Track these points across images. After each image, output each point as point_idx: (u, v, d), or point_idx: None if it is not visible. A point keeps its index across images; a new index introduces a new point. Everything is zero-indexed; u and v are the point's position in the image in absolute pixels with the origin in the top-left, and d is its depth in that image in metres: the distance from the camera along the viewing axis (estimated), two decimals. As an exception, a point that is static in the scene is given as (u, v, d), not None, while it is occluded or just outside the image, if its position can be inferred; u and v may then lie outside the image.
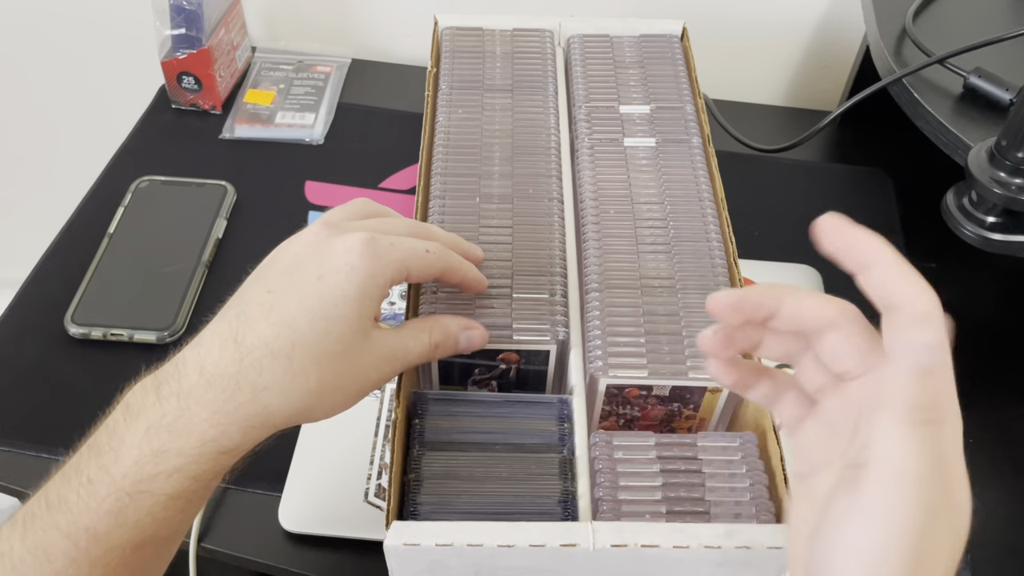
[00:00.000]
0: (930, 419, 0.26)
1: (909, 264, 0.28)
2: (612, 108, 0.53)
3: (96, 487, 0.34)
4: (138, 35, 0.85)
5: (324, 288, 0.36)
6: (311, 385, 0.35)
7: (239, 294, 0.38)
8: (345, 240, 0.37)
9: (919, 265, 0.75)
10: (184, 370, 0.36)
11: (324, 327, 0.36)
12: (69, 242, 0.68)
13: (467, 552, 0.36)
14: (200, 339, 0.37)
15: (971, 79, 0.58)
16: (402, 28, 0.87)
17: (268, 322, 0.36)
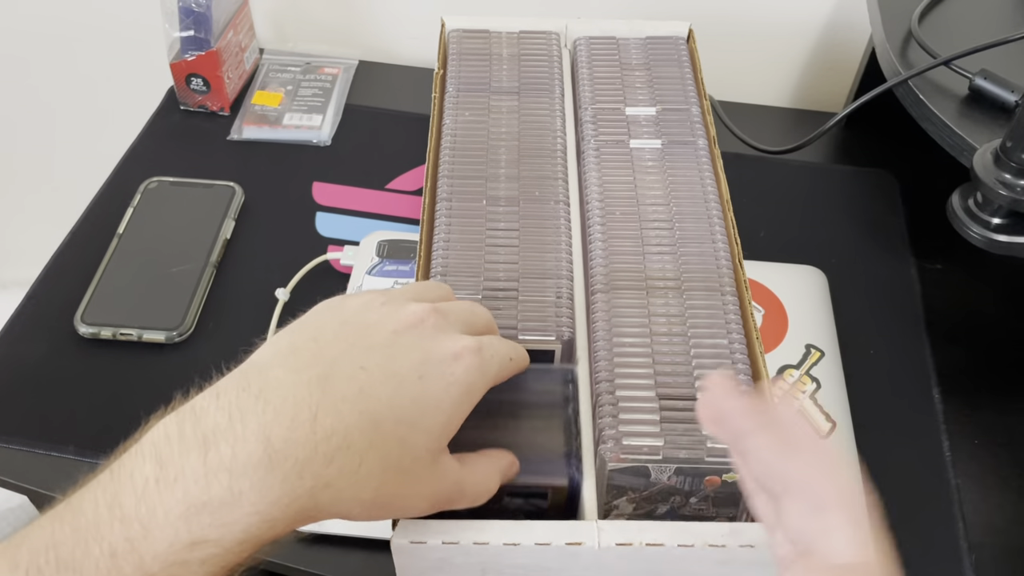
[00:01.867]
0: None
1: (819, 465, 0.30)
2: (618, 110, 0.54)
3: (120, 564, 0.28)
4: (147, 37, 0.85)
5: (422, 391, 0.32)
6: (366, 496, 0.31)
7: (318, 346, 0.33)
8: (455, 344, 0.34)
9: (925, 266, 0.76)
10: (243, 431, 0.29)
11: (405, 435, 0.32)
12: (79, 242, 0.68)
13: (473, 550, 0.36)
14: (264, 386, 0.31)
15: (977, 81, 0.58)
16: (409, 30, 0.88)
17: (355, 408, 0.31)
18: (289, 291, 0.63)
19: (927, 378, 0.60)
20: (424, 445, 0.32)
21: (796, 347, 0.59)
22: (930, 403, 0.59)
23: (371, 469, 0.31)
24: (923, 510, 0.54)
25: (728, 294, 0.44)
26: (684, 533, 0.37)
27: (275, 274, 0.65)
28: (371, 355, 0.32)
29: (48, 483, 0.55)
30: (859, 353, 0.61)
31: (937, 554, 0.52)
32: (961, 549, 0.52)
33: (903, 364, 0.61)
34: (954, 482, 0.55)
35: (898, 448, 0.56)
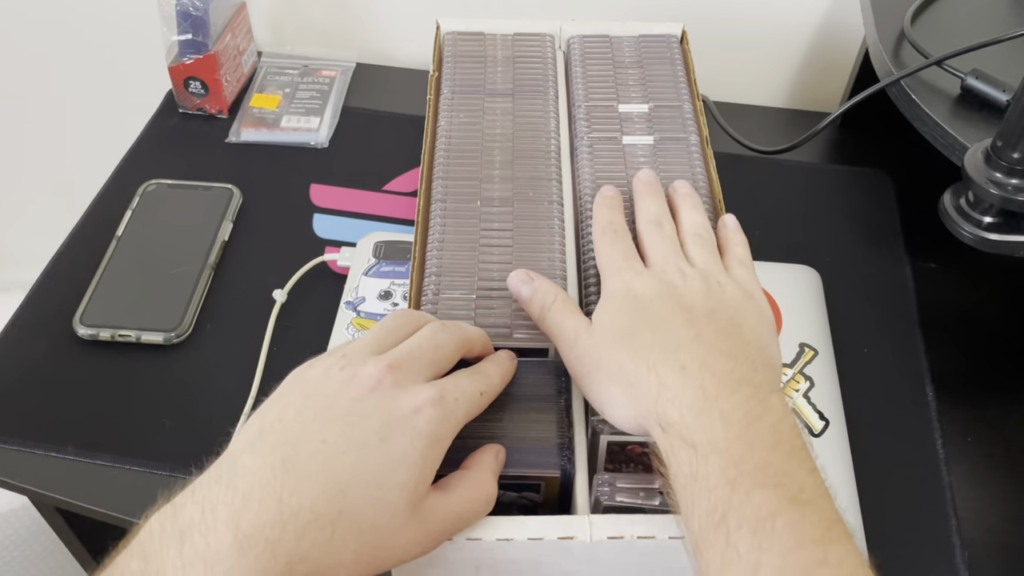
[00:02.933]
0: None
1: None
2: (611, 107, 0.54)
3: None
4: (145, 41, 0.86)
5: (385, 452, 0.33)
6: (346, 557, 0.32)
7: (280, 425, 0.34)
8: (415, 399, 0.34)
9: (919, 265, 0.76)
10: (214, 521, 0.31)
11: (376, 496, 0.32)
12: (78, 245, 0.69)
13: (467, 547, 0.37)
14: (234, 476, 0.32)
15: (968, 80, 0.59)
16: (405, 32, 0.88)
17: (319, 482, 0.32)
18: (287, 292, 0.64)
19: (921, 376, 0.61)
20: (399, 500, 0.33)
21: (790, 346, 0.59)
22: (924, 401, 0.59)
23: (345, 535, 0.32)
24: (917, 507, 0.54)
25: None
26: (675, 526, 0.37)
27: (273, 275, 0.65)
28: (332, 427, 0.33)
29: (48, 484, 0.55)
30: (853, 352, 0.61)
31: (930, 551, 0.52)
32: (954, 546, 0.52)
33: (897, 363, 0.61)
34: (947, 479, 0.55)
35: (892, 446, 0.57)
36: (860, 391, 0.59)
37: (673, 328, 0.37)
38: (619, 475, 0.39)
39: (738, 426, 0.33)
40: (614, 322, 0.38)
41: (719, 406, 0.34)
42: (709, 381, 0.35)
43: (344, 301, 0.63)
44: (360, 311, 0.62)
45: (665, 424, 0.34)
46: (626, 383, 0.37)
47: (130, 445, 0.56)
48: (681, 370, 0.35)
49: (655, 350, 0.36)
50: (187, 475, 0.54)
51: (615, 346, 0.37)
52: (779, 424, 0.34)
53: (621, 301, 0.39)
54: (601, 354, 0.38)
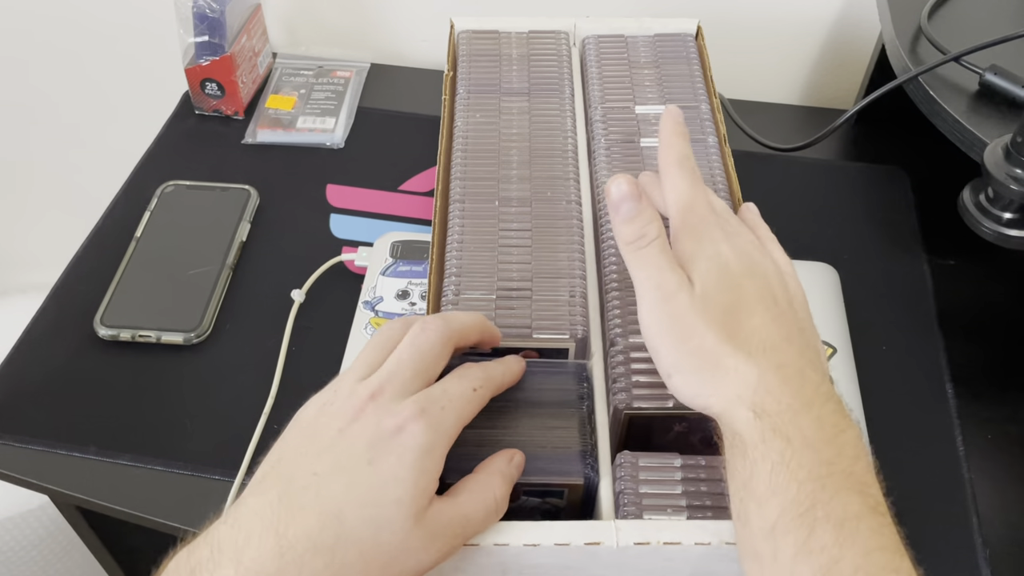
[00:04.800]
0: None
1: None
2: (628, 108, 0.54)
3: None
4: (162, 43, 0.86)
5: (375, 472, 0.34)
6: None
7: (279, 465, 0.36)
8: (396, 418, 0.35)
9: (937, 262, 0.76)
10: (220, 559, 0.32)
11: (373, 515, 0.33)
12: (97, 247, 0.69)
13: (494, 551, 0.37)
14: (239, 516, 0.34)
15: (987, 76, 0.58)
16: (419, 32, 0.88)
17: (314, 511, 0.33)
18: (304, 292, 0.64)
19: (940, 374, 0.60)
20: (398, 516, 0.34)
21: (808, 344, 0.59)
22: (943, 399, 0.59)
23: (345, 559, 0.33)
24: (937, 505, 0.54)
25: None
26: (701, 531, 0.37)
27: (290, 275, 0.66)
28: (321, 459, 0.35)
29: (69, 483, 0.56)
30: (872, 349, 0.61)
31: (952, 548, 0.52)
32: (975, 543, 0.52)
33: (916, 360, 0.61)
34: (968, 477, 0.55)
35: (911, 444, 0.56)
36: (879, 388, 0.58)
37: (767, 320, 0.38)
38: (641, 454, 0.40)
39: (829, 433, 0.35)
40: (717, 296, 0.38)
41: (815, 411, 0.35)
42: (807, 388, 0.36)
43: (362, 301, 0.63)
44: (378, 311, 0.62)
45: (760, 412, 0.35)
46: (716, 363, 0.36)
47: (151, 445, 0.57)
48: (780, 369, 0.36)
49: (754, 341, 0.37)
50: (207, 475, 0.55)
51: (715, 323, 0.37)
52: (858, 440, 0.36)
53: (719, 270, 0.38)
54: (697, 324, 0.37)
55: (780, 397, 0.35)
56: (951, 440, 0.57)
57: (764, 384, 0.35)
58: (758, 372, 0.36)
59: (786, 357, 0.36)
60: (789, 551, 0.32)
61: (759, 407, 0.35)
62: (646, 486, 0.39)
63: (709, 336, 0.37)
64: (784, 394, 0.35)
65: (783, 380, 0.36)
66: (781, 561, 0.33)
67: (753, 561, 0.34)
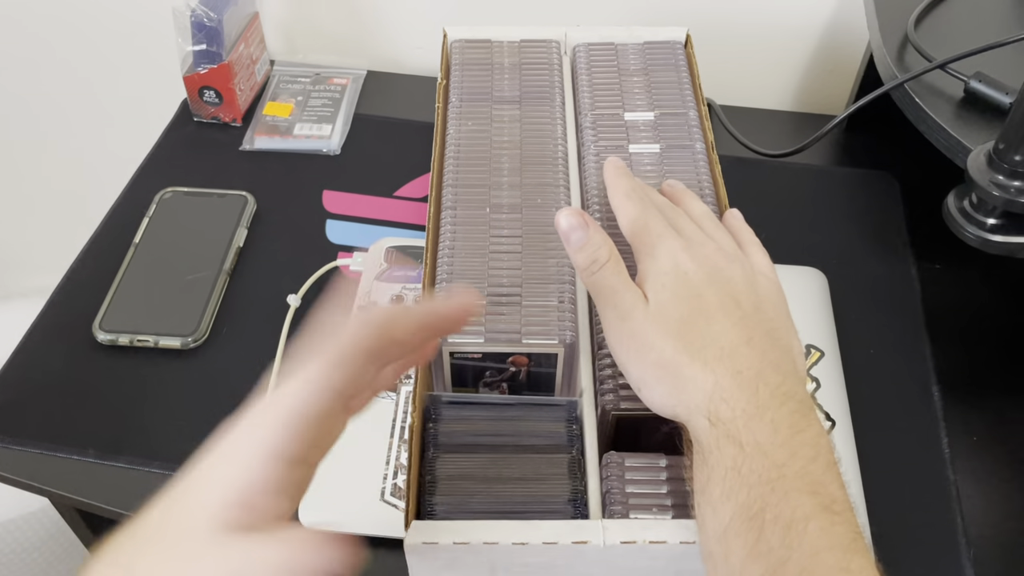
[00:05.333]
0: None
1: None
2: (617, 115, 0.55)
3: None
4: (161, 52, 0.87)
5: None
6: None
7: None
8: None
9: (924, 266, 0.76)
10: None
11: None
12: (96, 252, 0.70)
13: (483, 550, 0.37)
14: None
15: (972, 83, 0.59)
16: (415, 40, 0.89)
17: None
18: (300, 297, 0.65)
19: (926, 376, 0.61)
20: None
21: (797, 347, 0.60)
22: (929, 401, 0.60)
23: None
24: (922, 505, 0.55)
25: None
26: (686, 530, 0.38)
27: (287, 280, 0.66)
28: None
29: (68, 486, 0.56)
30: (859, 353, 0.62)
31: (936, 549, 0.53)
32: (960, 543, 0.53)
33: (903, 363, 0.62)
34: (953, 478, 0.56)
35: (898, 445, 0.57)
36: (866, 391, 0.59)
37: (727, 326, 0.38)
38: (627, 454, 0.40)
39: (784, 434, 0.35)
40: (672, 308, 0.39)
41: (770, 415, 0.36)
42: (763, 391, 0.36)
43: (356, 306, 0.64)
44: (372, 315, 0.63)
45: (715, 419, 0.36)
46: (676, 373, 0.37)
47: (149, 448, 0.57)
48: (736, 375, 0.37)
49: (711, 348, 0.37)
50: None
51: (671, 334, 0.38)
52: (818, 439, 0.36)
53: (675, 282, 0.39)
54: (655, 339, 0.38)
55: (735, 403, 0.36)
56: (937, 442, 0.58)
57: (720, 391, 0.36)
58: (714, 379, 0.37)
59: (745, 362, 0.37)
60: (739, 553, 0.33)
61: (714, 414, 0.36)
62: (632, 486, 0.40)
63: (667, 348, 0.38)
64: (739, 399, 0.36)
65: (739, 385, 0.36)
66: (732, 563, 0.34)
67: (708, 561, 0.35)
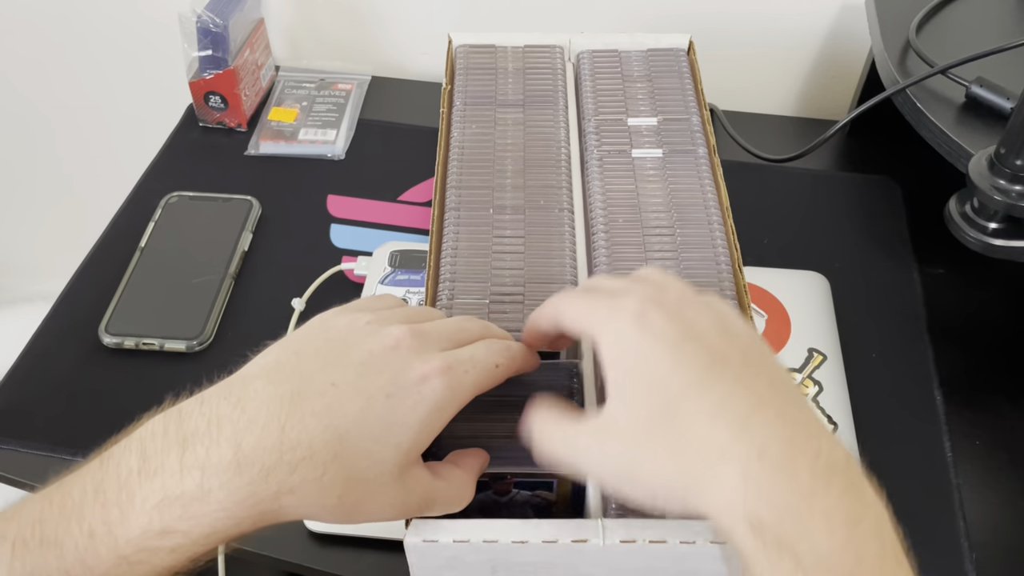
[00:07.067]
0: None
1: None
2: (620, 120, 0.55)
3: (97, 545, 0.31)
4: (167, 57, 0.88)
5: (389, 409, 0.33)
6: (329, 501, 0.33)
7: (299, 361, 0.34)
8: (425, 366, 0.35)
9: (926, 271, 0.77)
10: (218, 436, 0.32)
11: (371, 449, 0.33)
12: (102, 256, 0.71)
13: (483, 548, 0.37)
14: (244, 398, 0.33)
15: (973, 89, 0.59)
16: (420, 46, 0.90)
17: (322, 421, 0.32)
18: (305, 301, 0.65)
19: (929, 381, 0.61)
20: (390, 460, 0.33)
21: (799, 351, 0.60)
22: (932, 405, 0.60)
23: (334, 479, 0.32)
24: (925, 510, 0.55)
25: (728, 298, 0.46)
26: (686, 530, 0.38)
27: (291, 284, 0.67)
28: (344, 372, 0.34)
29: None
30: (861, 356, 0.62)
31: (939, 552, 0.53)
32: (962, 548, 0.53)
33: (905, 367, 0.62)
34: (955, 482, 0.56)
35: (900, 449, 0.57)
36: (868, 395, 0.59)
37: (726, 391, 0.31)
38: None
39: (842, 532, 0.28)
40: (636, 408, 0.32)
41: (818, 505, 0.28)
42: (801, 470, 0.29)
43: (361, 309, 0.64)
44: (376, 319, 0.63)
45: (757, 524, 0.29)
46: (684, 476, 0.30)
47: (154, 450, 0.58)
48: (762, 455, 0.29)
49: (719, 426, 0.30)
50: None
51: (652, 437, 0.31)
52: (879, 524, 0.29)
53: (629, 373, 0.32)
54: (634, 454, 0.32)
55: (774, 496, 0.28)
56: (939, 445, 0.58)
57: (751, 484, 0.29)
58: (740, 471, 0.29)
59: (766, 433, 0.30)
60: None
61: (754, 517, 0.28)
62: None
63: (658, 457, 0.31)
64: (778, 490, 0.28)
65: (773, 470, 0.29)
66: None
67: None
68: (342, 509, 0.33)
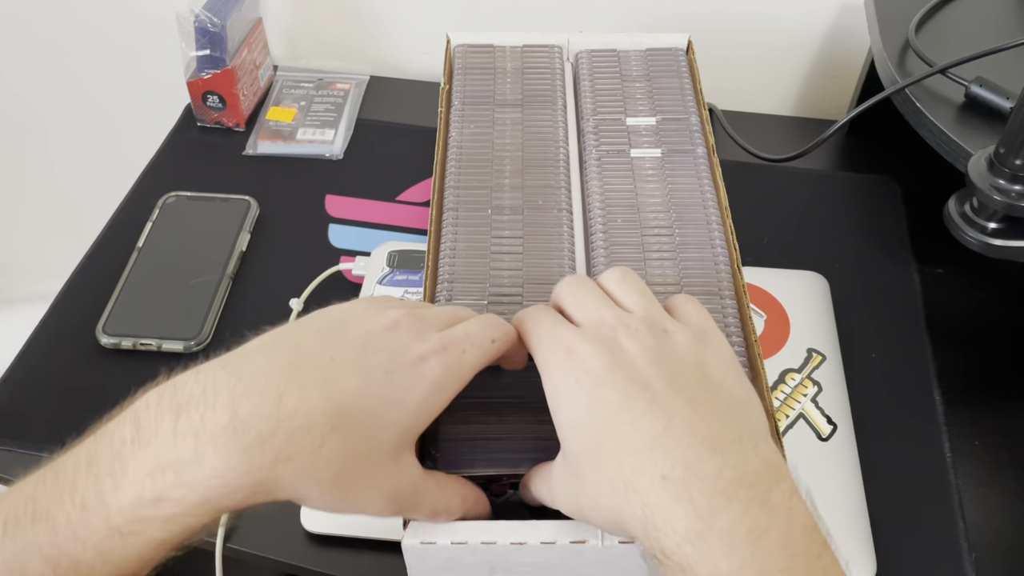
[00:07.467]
0: None
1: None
2: (619, 120, 0.55)
3: (89, 516, 0.31)
4: (164, 57, 0.87)
5: (388, 386, 0.33)
6: (325, 475, 0.32)
7: (298, 337, 0.35)
8: (423, 345, 0.35)
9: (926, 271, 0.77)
10: (213, 401, 0.31)
11: (368, 424, 0.33)
12: (100, 256, 0.71)
13: (481, 550, 0.37)
14: (241, 367, 0.33)
15: (972, 88, 0.59)
16: (418, 45, 0.90)
17: (320, 393, 0.32)
18: (303, 301, 0.65)
19: (928, 381, 0.61)
20: (388, 438, 0.33)
21: (798, 351, 0.60)
22: (931, 405, 0.60)
23: (332, 452, 0.32)
24: (924, 510, 0.54)
25: (727, 298, 0.46)
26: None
27: (289, 285, 0.67)
28: (343, 349, 0.34)
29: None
30: (861, 357, 0.62)
31: (938, 553, 0.52)
32: (962, 548, 0.53)
33: (904, 367, 0.62)
34: (955, 483, 0.56)
35: (899, 450, 0.57)
36: (868, 395, 0.59)
37: (636, 420, 0.31)
38: None
39: (742, 549, 0.29)
40: (569, 450, 0.33)
41: (717, 526, 0.29)
42: (697, 492, 0.29)
43: (359, 309, 0.64)
44: (374, 319, 0.63)
45: (663, 553, 0.30)
46: (610, 511, 0.31)
47: (151, 451, 0.58)
48: (662, 481, 0.30)
49: (625, 459, 0.31)
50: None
51: (585, 477, 0.32)
52: (788, 532, 0.29)
53: (568, 399, 0.33)
54: (576, 492, 0.33)
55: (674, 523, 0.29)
56: (938, 446, 0.57)
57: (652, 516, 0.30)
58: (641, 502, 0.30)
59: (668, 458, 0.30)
60: None
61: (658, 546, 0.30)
62: None
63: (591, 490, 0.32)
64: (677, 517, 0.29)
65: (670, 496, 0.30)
66: None
67: None
68: (337, 487, 0.32)
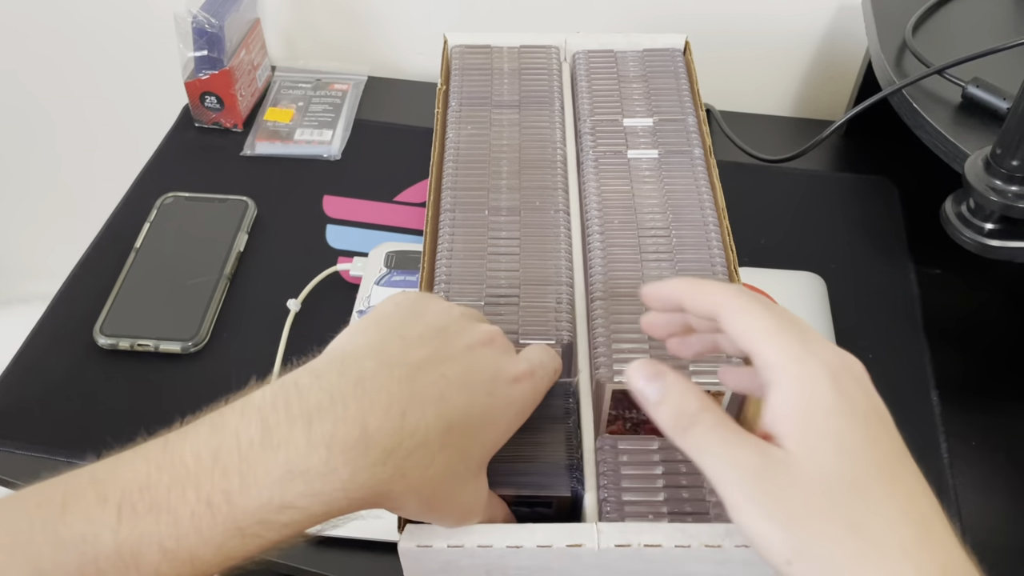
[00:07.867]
0: None
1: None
2: (616, 121, 0.55)
3: (214, 514, 0.30)
4: (162, 57, 0.87)
5: (489, 406, 0.35)
6: (426, 491, 0.33)
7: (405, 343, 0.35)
8: (516, 367, 0.36)
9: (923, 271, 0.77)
10: (344, 413, 0.31)
11: (466, 444, 0.34)
12: (98, 257, 0.71)
13: (478, 553, 0.37)
14: (360, 376, 0.32)
15: (969, 89, 0.59)
16: (416, 46, 0.90)
17: (436, 413, 0.33)
18: (300, 302, 0.65)
19: (925, 381, 0.61)
20: (478, 456, 0.35)
21: (795, 351, 0.60)
22: (928, 406, 0.60)
23: (437, 470, 0.33)
24: (921, 510, 0.54)
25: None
26: (681, 534, 0.38)
27: (287, 285, 0.67)
28: (451, 364, 0.35)
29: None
30: (858, 357, 0.61)
31: (935, 553, 0.52)
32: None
33: (902, 368, 0.62)
34: (952, 483, 0.56)
35: (897, 450, 0.57)
36: (865, 396, 0.59)
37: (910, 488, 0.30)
38: (621, 437, 0.41)
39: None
40: (824, 469, 0.30)
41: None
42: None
43: (356, 310, 0.64)
44: (372, 320, 0.63)
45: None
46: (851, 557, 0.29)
47: (149, 451, 0.58)
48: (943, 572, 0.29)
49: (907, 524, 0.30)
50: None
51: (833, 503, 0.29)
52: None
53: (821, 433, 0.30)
54: (807, 510, 0.30)
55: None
56: (936, 447, 0.58)
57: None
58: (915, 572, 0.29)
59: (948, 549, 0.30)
60: None
61: None
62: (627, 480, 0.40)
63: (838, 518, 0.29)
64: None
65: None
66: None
67: None
68: (432, 501, 0.33)
